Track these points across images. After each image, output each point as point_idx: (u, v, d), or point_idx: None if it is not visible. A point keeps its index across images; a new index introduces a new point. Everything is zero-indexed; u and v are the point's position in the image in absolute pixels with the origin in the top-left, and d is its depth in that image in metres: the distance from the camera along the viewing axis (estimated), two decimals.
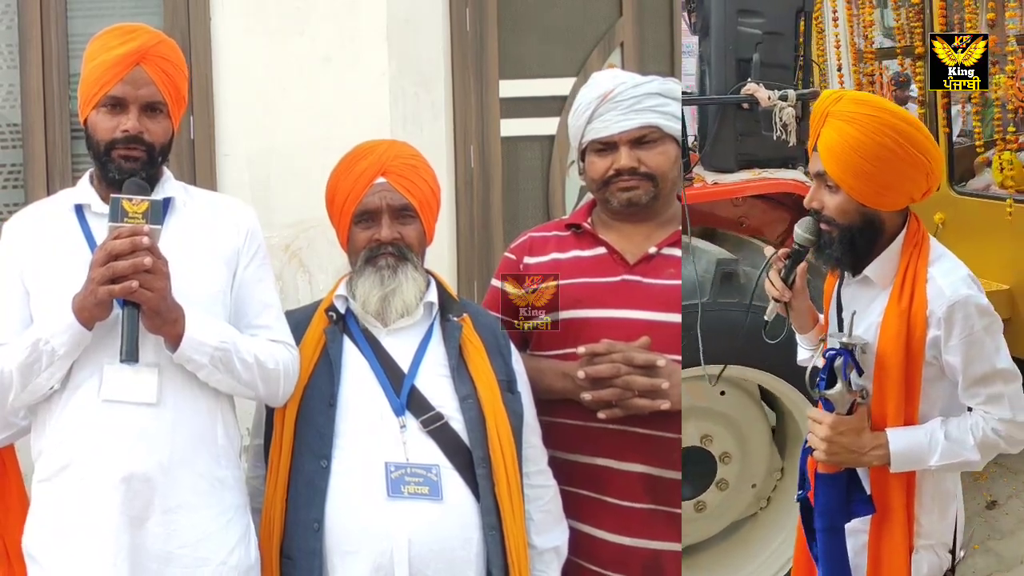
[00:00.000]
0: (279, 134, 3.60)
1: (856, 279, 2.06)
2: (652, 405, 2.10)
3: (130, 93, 1.93)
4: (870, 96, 2.07)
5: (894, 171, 1.93)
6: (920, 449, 1.95)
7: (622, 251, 2.27)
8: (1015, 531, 3.93)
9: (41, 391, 1.88)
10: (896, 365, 1.95)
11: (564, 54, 3.91)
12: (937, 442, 1.94)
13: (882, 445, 1.95)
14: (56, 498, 1.90)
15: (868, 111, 1.93)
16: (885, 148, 1.91)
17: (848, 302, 2.08)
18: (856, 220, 1.98)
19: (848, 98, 1.97)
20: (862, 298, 2.05)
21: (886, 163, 1.92)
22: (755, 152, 3.42)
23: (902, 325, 1.94)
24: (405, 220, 2.09)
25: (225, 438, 1.98)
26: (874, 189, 1.95)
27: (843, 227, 1.98)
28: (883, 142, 1.91)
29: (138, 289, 1.78)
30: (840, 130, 1.93)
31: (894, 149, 1.91)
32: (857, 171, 1.93)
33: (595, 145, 2.28)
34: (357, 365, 2.05)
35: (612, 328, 2.18)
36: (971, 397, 1.96)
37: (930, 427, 1.97)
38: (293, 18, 3.59)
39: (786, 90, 3.26)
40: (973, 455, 1.96)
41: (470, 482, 1.98)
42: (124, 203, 1.81)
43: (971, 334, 1.92)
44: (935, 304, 1.93)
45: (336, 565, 1.93)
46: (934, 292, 1.93)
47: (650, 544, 2.19)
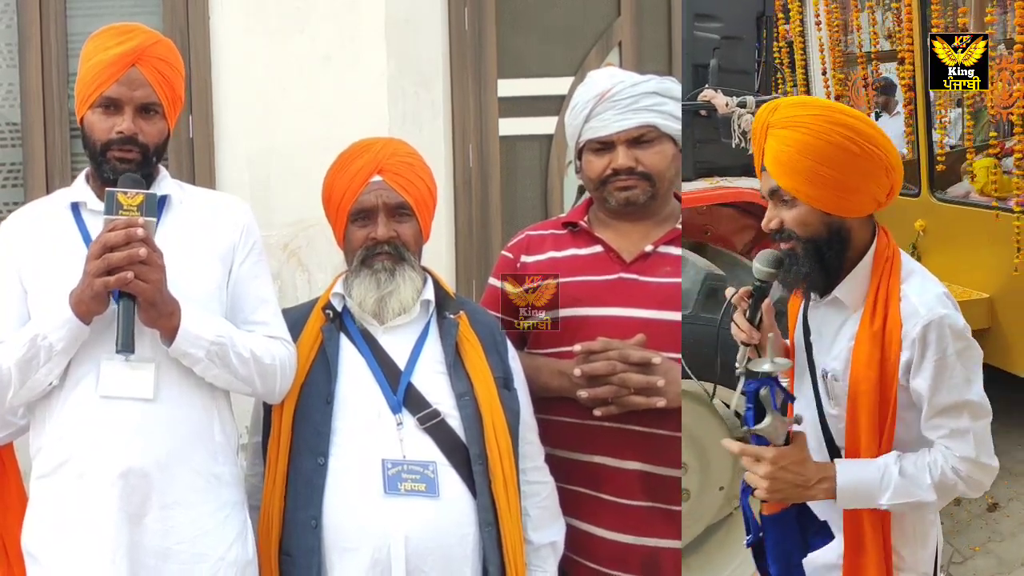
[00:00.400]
0: (278, 133, 3.61)
1: (824, 301, 1.90)
2: (648, 402, 2.11)
3: (125, 94, 1.94)
4: (808, 98, 1.96)
5: (852, 170, 1.79)
6: (870, 485, 1.78)
7: (619, 249, 2.27)
8: (1016, 533, 3.93)
9: (40, 387, 1.89)
10: (869, 391, 1.80)
11: (562, 53, 3.92)
12: (890, 479, 1.77)
13: (830, 478, 1.79)
14: (54, 494, 1.91)
15: (810, 112, 1.81)
16: (838, 147, 1.77)
17: (817, 326, 1.93)
18: (821, 231, 1.82)
19: (785, 104, 1.84)
20: (832, 322, 1.90)
21: (841, 163, 1.78)
22: (713, 160, 3.38)
23: (875, 349, 1.79)
24: (401, 218, 2.09)
25: (222, 434, 1.99)
26: (834, 194, 1.80)
27: (807, 240, 1.83)
28: (834, 140, 1.77)
29: (133, 280, 1.79)
30: (785, 138, 1.80)
31: (847, 147, 1.78)
32: (812, 177, 1.79)
33: (592, 144, 2.28)
34: (354, 363, 2.05)
35: (608, 326, 2.18)
36: (933, 429, 1.80)
37: (884, 461, 1.79)
38: (292, 17, 3.60)
39: (745, 96, 3.23)
40: (928, 495, 1.78)
41: (467, 479, 1.99)
42: (119, 196, 1.83)
43: (942, 358, 1.76)
44: (909, 324, 1.77)
45: (335, 562, 1.94)
46: (908, 311, 1.78)
47: (648, 541, 2.19)
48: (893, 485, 1.78)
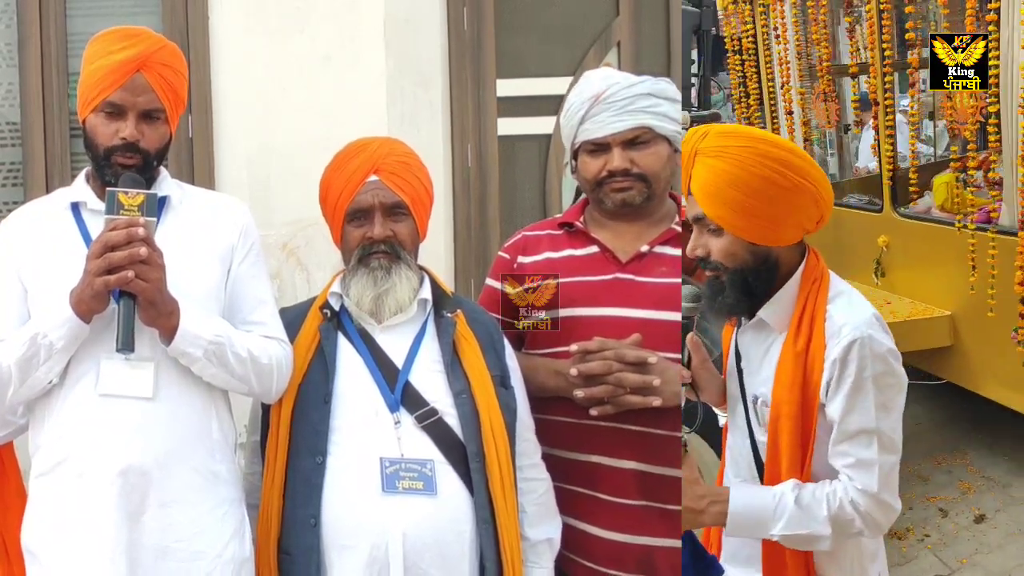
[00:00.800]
0: (277, 133, 3.63)
1: (751, 323, 1.87)
2: (644, 402, 2.11)
3: (128, 100, 1.94)
4: (738, 127, 1.87)
5: (779, 202, 1.75)
6: (763, 513, 1.70)
7: (615, 249, 2.28)
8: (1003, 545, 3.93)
9: (39, 386, 1.90)
10: (790, 415, 1.73)
11: (561, 53, 3.93)
12: (784, 507, 1.70)
13: (722, 501, 1.74)
14: (54, 493, 1.92)
15: (739, 143, 1.77)
16: (764, 179, 1.74)
17: (746, 350, 1.90)
18: (747, 261, 1.80)
19: (715, 132, 1.81)
20: (760, 344, 1.86)
21: (768, 196, 1.74)
22: None
23: (798, 370, 1.73)
24: (398, 218, 2.10)
25: (220, 432, 2.00)
26: (761, 224, 1.77)
27: (733, 270, 1.81)
28: (760, 173, 1.74)
29: (134, 279, 1.80)
30: (712, 167, 1.77)
31: (775, 180, 1.74)
32: (738, 208, 1.76)
33: (588, 146, 2.28)
34: (352, 361, 2.06)
35: (605, 326, 2.19)
36: (839, 456, 1.72)
37: (780, 489, 1.72)
38: (292, 17, 3.61)
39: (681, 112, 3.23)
40: (823, 529, 1.69)
41: (464, 476, 2.00)
42: (120, 196, 1.84)
43: (858, 379, 1.69)
44: (832, 344, 1.71)
45: (333, 560, 1.95)
46: (832, 331, 1.73)
47: (644, 540, 2.19)
48: (787, 515, 1.70)
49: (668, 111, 2.26)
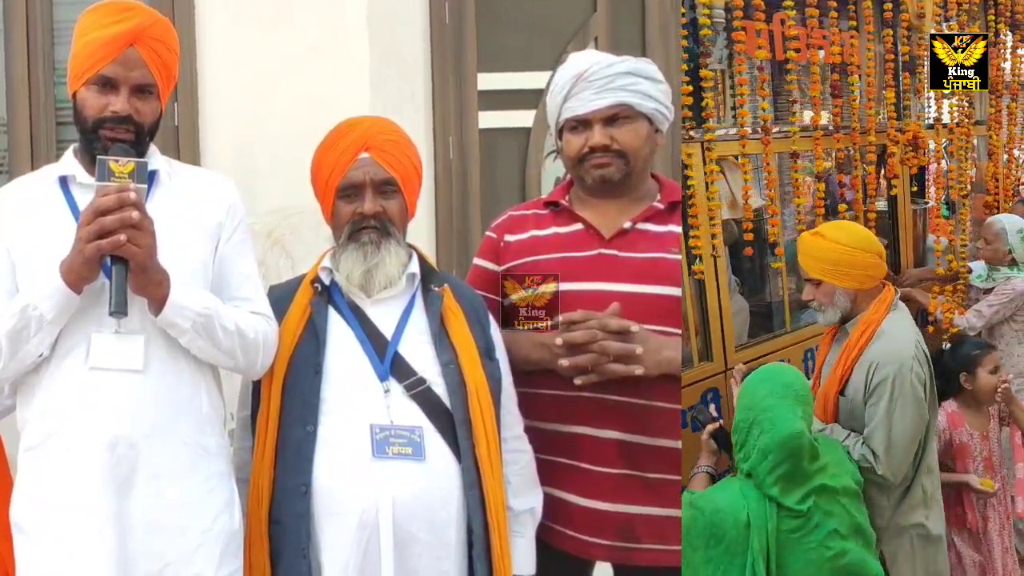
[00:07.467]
0: (263, 122, 3.63)
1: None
2: (626, 370, 2.16)
3: (121, 74, 1.94)
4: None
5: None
6: None
7: (598, 226, 2.32)
8: None
9: (30, 358, 1.89)
10: None
11: (541, 48, 3.95)
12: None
13: None
14: (42, 466, 1.91)
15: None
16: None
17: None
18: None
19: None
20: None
21: None
22: None
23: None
24: (388, 194, 2.14)
25: (210, 406, 2.01)
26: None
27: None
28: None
29: (126, 243, 1.79)
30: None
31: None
32: None
33: (570, 123, 2.34)
34: (342, 334, 2.10)
35: (589, 300, 2.23)
36: None
37: None
38: (278, 8, 3.63)
39: None
40: None
41: (451, 443, 2.04)
42: (111, 164, 1.84)
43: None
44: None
45: (323, 527, 1.98)
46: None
47: (624, 508, 2.24)
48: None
49: (648, 90, 2.30)
